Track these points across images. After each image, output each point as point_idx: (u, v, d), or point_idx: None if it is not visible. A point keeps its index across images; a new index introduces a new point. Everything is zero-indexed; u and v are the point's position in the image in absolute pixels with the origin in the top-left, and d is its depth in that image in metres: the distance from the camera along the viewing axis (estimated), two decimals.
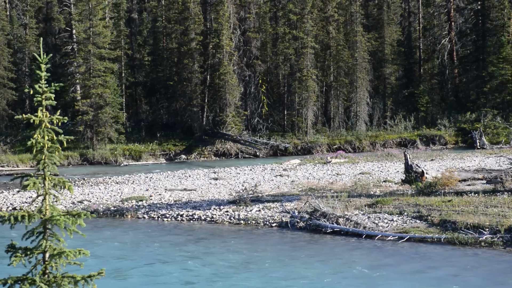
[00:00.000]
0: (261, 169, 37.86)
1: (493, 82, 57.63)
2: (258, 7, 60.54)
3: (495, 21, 60.98)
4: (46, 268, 7.38)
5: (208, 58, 55.70)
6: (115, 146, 50.82)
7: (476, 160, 38.23)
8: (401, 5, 70.41)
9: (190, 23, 54.53)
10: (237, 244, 19.61)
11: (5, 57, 56.96)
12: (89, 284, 7.35)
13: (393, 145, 53.63)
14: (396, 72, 63.71)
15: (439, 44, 64.63)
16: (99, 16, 52.84)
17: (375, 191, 26.57)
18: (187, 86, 55.23)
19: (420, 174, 26.14)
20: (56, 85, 7.61)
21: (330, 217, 20.87)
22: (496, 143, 49.88)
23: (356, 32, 59.25)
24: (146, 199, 27.25)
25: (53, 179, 7.51)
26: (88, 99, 51.12)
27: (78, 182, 35.01)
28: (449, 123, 56.33)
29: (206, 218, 23.47)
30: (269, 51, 59.96)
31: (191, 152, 51.91)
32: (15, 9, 66.41)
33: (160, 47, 62.79)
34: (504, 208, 20.65)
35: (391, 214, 21.54)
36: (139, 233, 21.76)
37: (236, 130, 52.71)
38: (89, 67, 51.69)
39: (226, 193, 28.15)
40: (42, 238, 7.39)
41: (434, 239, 18.56)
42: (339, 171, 35.15)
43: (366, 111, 59.38)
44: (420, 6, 65.86)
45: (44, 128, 7.52)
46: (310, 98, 55.06)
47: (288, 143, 52.89)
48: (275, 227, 21.84)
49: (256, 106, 58.37)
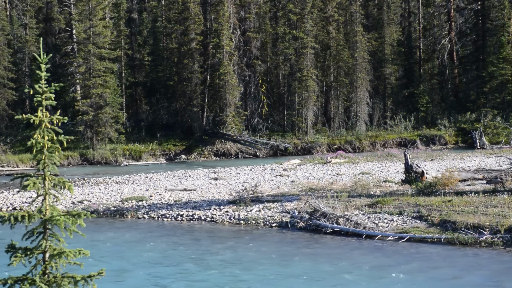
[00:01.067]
0: (261, 169, 37.86)
1: (493, 82, 57.64)
2: (258, 7, 60.55)
3: (495, 21, 60.98)
4: (46, 268, 7.38)
5: (208, 58, 55.71)
6: (115, 146, 50.82)
7: (476, 160, 38.22)
8: (401, 5, 70.41)
9: (190, 23, 54.53)
10: (237, 244, 19.61)
11: (5, 57, 56.98)
12: (89, 284, 7.35)
13: (393, 145, 53.64)
14: (396, 72, 63.70)
15: (439, 44, 64.63)
16: (99, 16, 52.86)
17: (375, 191, 26.57)
18: (187, 86, 55.24)
19: (420, 174, 26.14)
20: (56, 85, 7.60)
21: (330, 217, 20.87)
22: (496, 143, 49.90)
23: (356, 32, 59.26)
24: (146, 199, 27.25)
25: (53, 179, 7.51)
26: (88, 99, 51.14)
27: (78, 182, 35.01)
28: (449, 123, 56.34)
29: (206, 218, 23.46)
30: (269, 51, 59.98)
31: (191, 152, 51.91)
32: (15, 9, 66.44)
33: (160, 47, 62.81)
34: (504, 208, 20.64)
35: (391, 214, 21.54)
36: (139, 233, 21.76)
37: (236, 130, 52.71)
38: (89, 67, 51.70)
39: (226, 193, 28.14)
40: (42, 238, 7.39)
41: (434, 239, 18.55)
42: (339, 171, 35.14)
43: (366, 111, 59.39)
44: (420, 6, 65.87)
45: (44, 128, 7.51)
46: (310, 98, 55.07)
47: (288, 143, 52.88)
48: (275, 227, 21.83)
49: (256, 106, 58.37)
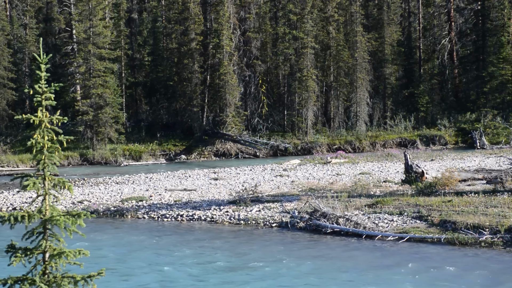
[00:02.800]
0: (261, 169, 37.85)
1: (493, 82, 57.64)
2: (258, 7, 60.55)
3: (495, 21, 60.97)
4: (46, 268, 7.38)
5: (208, 58, 55.70)
6: (115, 146, 50.81)
7: (476, 160, 38.21)
8: (401, 5, 70.38)
9: (190, 23, 54.54)
10: (237, 244, 19.61)
11: (5, 57, 56.98)
12: (89, 284, 7.35)
13: (393, 145, 53.64)
14: (396, 72, 63.69)
15: (439, 44, 64.64)
16: (99, 16, 52.85)
17: (375, 191, 26.57)
18: (187, 86, 55.25)
19: (420, 174, 26.13)
20: (56, 85, 7.60)
21: (330, 217, 20.86)
22: (496, 143, 49.90)
23: (356, 32, 59.26)
24: (146, 199, 27.24)
25: (53, 179, 7.51)
26: (88, 99, 51.14)
27: (78, 182, 35.00)
28: (449, 123, 56.34)
29: (206, 218, 23.46)
30: (269, 51, 59.97)
31: (191, 152, 51.90)
32: (15, 9, 66.44)
33: (160, 47, 62.80)
34: (504, 208, 20.64)
35: (391, 214, 21.53)
36: (139, 233, 21.75)
37: (236, 130, 52.70)
38: (89, 67, 51.70)
39: (226, 193, 28.13)
40: (42, 238, 7.39)
41: (434, 239, 18.55)
42: (339, 171, 35.14)
43: (366, 111, 59.38)
44: (420, 6, 65.85)
45: (44, 128, 7.51)
46: (310, 98, 55.06)
47: (288, 143, 52.88)
48: (275, 227, 21.83)
49: (256, 106, 58.36)
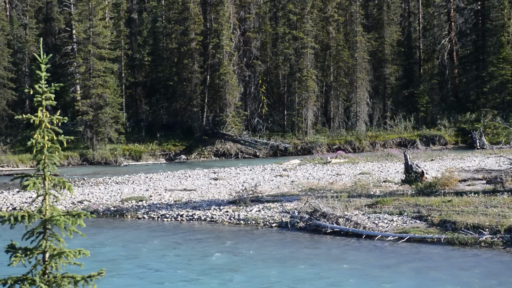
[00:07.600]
0: (261, 169, 37.85)
1: (493, 82, 57.65)
2: (258, 7, 60.55)
3: (495, 21, 60.98)
4: (46, 268, 7.38)
5: (208, 58, 55.70)
6: (115, 146, 50.82)
7: (476, 160, 38.22)
8: (401, 5, 70.40)
9: (190, 23, 54.53)
10: (237, 245, 19.61)
11: (5, 57, 56.97)
12: (89, 284, 7.35)
13: (393, 145, 53.67)
14: (396, 72, 63.70)
15: (439, 44, 64.66)
16: (99, 16, 52.86)
17: (375, 191, 26.57)
18: (187, 86, 55.24)
19: (420, 174, 26.12)
20: (56, 85, 7.60)
21: (330, 217, 20.86)
22: (496, 143, 49.92)
23: (356, 32, 59.27)
24: (146, 199, 27.24)
25: (53, 179, 7.51)
26: (88, 99, 51.15)
27: (78, 182, 35.00)
28: (449, 123, 56.35)
29: (206, 218, 23.46)
30: (269, 51, 59.99)
31: (191, 152, 51.91)
32: (15, 9, 66.41)
33: (160, 47, 62.81)
34: (504, 208, 20.64)
35: (391, 214, 21.53)
36: (139, 233, 21.75)
37: (236, 130, 52.71)
38: (89, 67, 51.71)
39: (226, 193, 28.12)
40: (42, 238, 7.39)
41: (434, 239, 18.55)
42: (339, 171, 35.14)
43: (366, 111, 59.39)
44: (420, 6, 65.87)
45: (44, 128, 7.51)
46: (310, 98, 55.08)
47: (288, 143, 52.88)
48: (275, 227, 21.82)
49: (256, 106, 58.37)
